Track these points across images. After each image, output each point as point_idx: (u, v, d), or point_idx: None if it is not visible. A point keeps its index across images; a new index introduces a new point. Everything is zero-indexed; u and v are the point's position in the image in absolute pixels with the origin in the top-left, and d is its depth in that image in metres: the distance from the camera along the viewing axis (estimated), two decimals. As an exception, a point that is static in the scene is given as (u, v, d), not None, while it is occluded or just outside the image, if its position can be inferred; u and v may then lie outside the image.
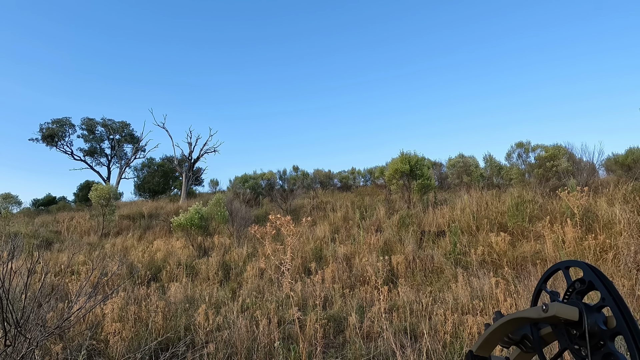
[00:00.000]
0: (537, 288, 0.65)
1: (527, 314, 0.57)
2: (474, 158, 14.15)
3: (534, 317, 0.56)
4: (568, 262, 0.59)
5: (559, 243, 5.67)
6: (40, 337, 2.42)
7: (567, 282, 0.58)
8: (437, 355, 2.76)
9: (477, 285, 4.58)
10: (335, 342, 3.64)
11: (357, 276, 5.86)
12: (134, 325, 3.99)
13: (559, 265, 0.61)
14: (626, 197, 7.05)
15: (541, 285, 0.64)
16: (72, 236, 12.11)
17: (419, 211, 9.42)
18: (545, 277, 0.64)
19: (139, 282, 6.53)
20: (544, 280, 0.64)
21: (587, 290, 0.54)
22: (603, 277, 0.52)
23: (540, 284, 0.64)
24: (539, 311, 0.54)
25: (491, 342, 0.66)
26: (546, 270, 0.63)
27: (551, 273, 0.63)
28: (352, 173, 18.18)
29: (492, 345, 0.67)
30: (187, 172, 19.98)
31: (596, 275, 0.52)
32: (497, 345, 0.67)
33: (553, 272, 0.62)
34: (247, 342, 3.22)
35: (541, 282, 0.64)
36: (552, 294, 0.61)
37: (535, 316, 0.55)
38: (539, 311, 0.54)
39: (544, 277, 0.64)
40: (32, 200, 21.06)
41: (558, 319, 0.52)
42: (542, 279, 0.64)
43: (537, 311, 0.55)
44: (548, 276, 0.63)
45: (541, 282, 0.64)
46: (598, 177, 10.88)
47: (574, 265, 0.58)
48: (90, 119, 25.03)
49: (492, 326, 0.65)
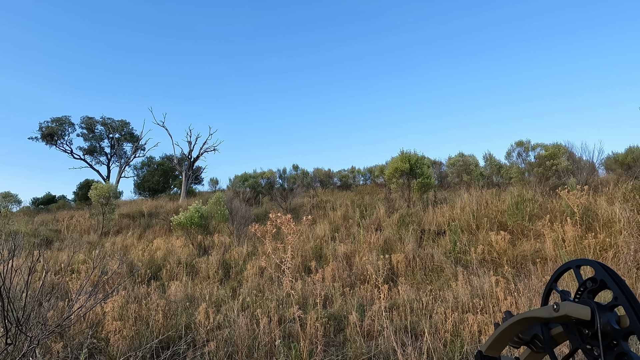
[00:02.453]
0: (547, 287, 0.64)
1: (538, 313, 0.56)
2: (473, 157, 14.16)
3: (545, 316, 0.55)
4: (579, 261, 0.58)
5: (559, 242, 5.68)
6: (41, 336, 2.42)
7: (578, 281, 0.57)
8: (438, 354, 2.77)
9: (477, 284, 4.58)
10: (335, 341, 3.64)
11: (357, 275, 5.86)
12: (134, 323, 4.00)
13: (569, 264, 0.59)
14: (626, 195, 7.05)
15: (551, 285, 0.63)
16: (72, 235, 12.10)
17: (419, 210, 9.42)
18: (555, 276, 0.62)
19: (139, 281, 6.53)
20: (554, 279, 0.62)
21: (598, 289, 0.54)
22: (615, 276, 0.51)
23: (551, 283, 0.63)
24: (549, 310, 0.54)
25: (501, 342, 0.65)
26: (556, 269, 0.62)
27: (562, 272, 0.61)
28: (352, 172, 18.17)
29: (501, 346, 0.66)
30: (187, 171, 19.97)
31: (608, 274, 0.52)
32: (507, 345, 0.66)
33: (564, 271, 0.61)
34: (248, 341, 3.22)
35: (551, 281, 0.62)
36: (563, 294, 0.59)
37: (546, 316, 0.54)
38: (549, 310, 0.54)
39: (554, 276, 0.62)
40: (32, 199, 21.08)
41: (570, 318, 0.51)
42: (552, 278, 0.62)
43: (548, 310, 0.54)
44: (559, 275, 0.62)
45: (551, 281, 0.62)
46: (598, 176, 10.89)
47: (586, 264, 0.57)
48: (89, 118, 25.00)
49: (502, 326, 0.64)
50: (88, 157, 24.92)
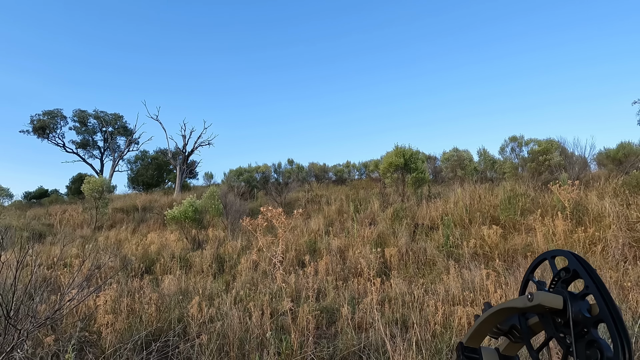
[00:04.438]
0: (524, 278, 0.65)
1: (514, 303, 0.57)
2: (468, 152, 14.23)
3: (521, 306, 0.56)
4: (554, 252, 0.59)
5: (549, 236, 5.75)
6: (30, 328, 2.42)
7: (553, 271, 0.58)
8: (426, 345, 2.81)
9: (469, 277, 4.64)
10: (327, 333, 3.68)
11: (351, 268, 5.90)
12: (127, 317, 4.00)
13: (545, 255, 0.61)
14: (616, 190, 7.15)
15: (528, 276, 0.64)
16: (65, 229, 12.02)
17: (413, 204, 9.47)
18: (532, 267, 0.63)
19: (132, 275, 6.51)
20: (531, 270, 0.63)
21: (571, 278, 0.54)
22: (587, 266, 0.52)
23: (528, 274, 0.64)
24: (524, 300, 0.55)
25: (481, 333, 0.66)
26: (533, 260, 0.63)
27: (538, 263, 0.62)
28: (347, 166, 18.19)
29: (482, 336, 0.67)
30: (181, 165, 19.86)
31: (580, 263, 0.52)
32: (487, 336, 0.67)
33: (540, 262, 0.62)
34: (240, 333, 3.24)
35: (528, 272, 0.64)
36: (539, 284, 0.60)
37: (522, 305, 0.55)
38: (524, 300, 0.55)
39: (531, 267, 0.63)
40: (24, 193, 20.85)
41: (543, 307, 0.52)
42: (529, 269, 0.63)
43: (523, 300, 0.55)
44: (535, 266, 0.63)
45: (528, 272, 0.64)
46: (590, 171, 11.01)
47: (560, 254, 0.58)
48: (82, 111, 24.68)
49: (481, 317, 0.65)
50: (81, 151, 24.65)
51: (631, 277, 4.09)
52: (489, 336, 0.67)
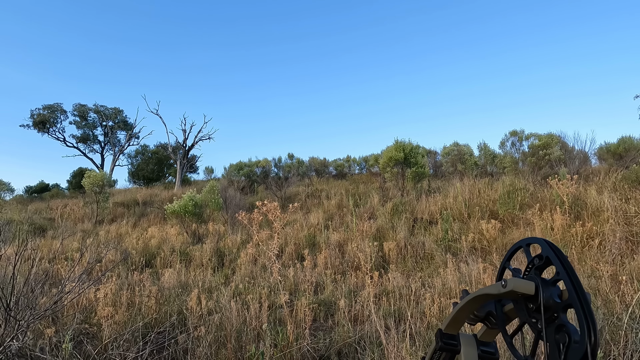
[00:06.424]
0: (501, 266, 0.66)
1: (489, 290, 0.58)
2: (468, 146, 14.21)
3: (495, 293, 0.56)
4: (529, 240, 0.60)
5: (547, 230, 5.77)
6: (30, 319, 2.45)
7: (528, 258, 0.59)
8: (420, 336, 2.84)
9: (466, 271, 4.67)
10: (324, 325, 3.72)
11: (349, 262, 5.94)
12: (127, 309, 4.04)
13: (520, 243, 0.61)
14: (615, 185, 7.15)
15: (505, 263, 0.65)
16: (66, 223, 12.08)
17: (412, 199, 9.48)
18: (508, 255, 0.64)
19: (133, 269, 6.57)
20: (507, 258, 0.64)
21: (544, 265, 0.55)
22: (559, 252, 0.53)
23: (504, 262, 0.65)
24: (499, 287, 0.55)
25: (459, 320, 0.67)
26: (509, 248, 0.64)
27: (514, 251, 0.63)
28: (347, 161, 18.18)
29: (459, 323, 0.68)
30: (182, 160, 19.88)
31: (552, 250, 0.54)
32: (465, 322, 0.69)
33: (516, 249, 0.63)
34: (238, 325, 3.28)
35: (505, 260, 0.64)
36: (515, 271, 0.61)
37: (496, 292, 0.56)
38: (499, 287, 0.55)
39: (507, 255, 0.64)
40: (25, 187, 20.90)
41: (516, 293, 0.53)
42: (505, 257, 0.64)
43: (498, 287, 0.56)
44: (511, 254, 0.64)
45: (505, 260, 0.64)
46: (590, 165, 10.99)
47: (534, 242, 0.59)
48: (82, 105, 24.63)
49: (459, 304, 0.66)
50: (81, 145, 24.65)
51: (627, 270, 4.12)
52: (467, 322, 0.68)
